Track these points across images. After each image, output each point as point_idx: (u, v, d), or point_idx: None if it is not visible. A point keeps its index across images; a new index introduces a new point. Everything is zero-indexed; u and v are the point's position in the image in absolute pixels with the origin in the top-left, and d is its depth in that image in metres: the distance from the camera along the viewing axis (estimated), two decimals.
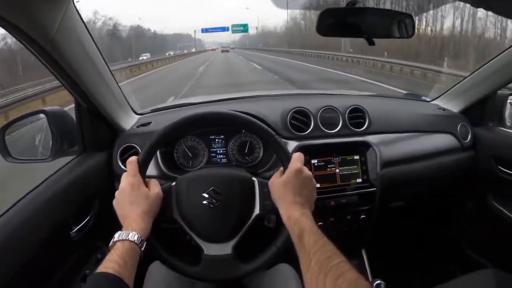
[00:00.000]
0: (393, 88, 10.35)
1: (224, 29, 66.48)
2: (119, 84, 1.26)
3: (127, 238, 0.79)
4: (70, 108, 1.21)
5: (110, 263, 0.73)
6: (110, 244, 0.80)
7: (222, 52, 59.14)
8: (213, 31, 67.22)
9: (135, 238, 0.79)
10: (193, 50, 75.00)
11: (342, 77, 14.73)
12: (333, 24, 1.00)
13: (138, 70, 22.66)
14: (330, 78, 14.25)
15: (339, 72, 15.91)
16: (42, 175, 1.06)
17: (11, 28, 0.78)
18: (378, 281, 1.14)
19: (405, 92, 4.69)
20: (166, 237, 0.97)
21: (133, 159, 0.91)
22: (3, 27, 0.78)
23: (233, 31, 60.76)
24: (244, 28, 61.44)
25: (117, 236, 0.80)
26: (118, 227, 0.87)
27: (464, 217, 1.75)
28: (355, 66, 17.99)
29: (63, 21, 0.84)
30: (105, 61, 1.14)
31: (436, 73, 12.47)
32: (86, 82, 1.03)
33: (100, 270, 0.71)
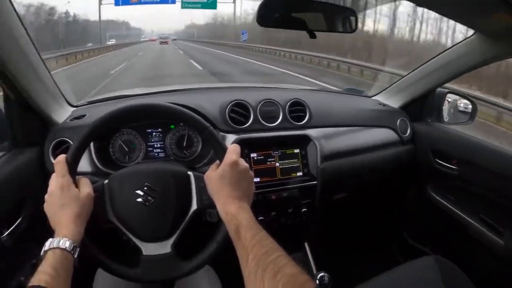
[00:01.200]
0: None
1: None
2: None
3: (58, 246, 0.74)
4: None
5: (42, 275, 0.68)
6: (41, 253, 0.75)
7: (160, 44, 50.56)
8: (142, 3, 35.89)
9: (67, 245, 0.74)
10: (111, 42, 47.41)
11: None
12: (274, 15, 1.00)
13: None
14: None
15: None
16: None
17: None
18: (322, 274, 1.16)
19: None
20: (104, 239, 0.92)
21: (60, 158, 0.84)
22: None
23: (185, 5, 33.20)
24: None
25: (47, 244, 0.75)
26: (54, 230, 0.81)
27: (405, 207, 1.82)
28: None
29: None
30: (36, 49, 1.06)
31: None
32: (14, 72, 0.95)
33: (32, 283, 0.66)
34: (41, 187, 1.13)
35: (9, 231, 0.99)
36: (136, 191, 0.88)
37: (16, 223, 1.03)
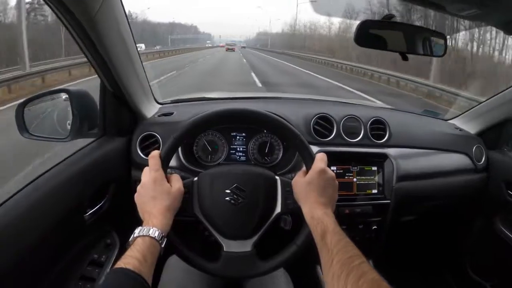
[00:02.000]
0: None
1: None
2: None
3: (148, 234, 0.78)
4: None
5: (130, 259, 0.71)
6: (130, 239, 0.78)
7: (227, 50, 47.99)
8: None
9: (156, 234, 0.78)
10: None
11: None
12: (370, 35, 1.01)
13: None
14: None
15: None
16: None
17: (56, 4, 0.77)
18: None
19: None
20: (185, 232, 0.96)
21: (155, 153, 0.88)
22: (48, 2, 0.78)
23: None
24: None
25: (137, 231, 0.79)
26: (131, 214, 0.86)
27: (470, 237, 1.76)
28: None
29: (104, 2, 0.84)
30: (137, 49, 1.13)
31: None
32: (116, 66, 1.03)
33: (119, 265, 0.70)
34: (124, 174, 1.22)
35: (92, 210, 1.07)
36: (226, 190, 0.91)
37: (99, 204, 1.11)
